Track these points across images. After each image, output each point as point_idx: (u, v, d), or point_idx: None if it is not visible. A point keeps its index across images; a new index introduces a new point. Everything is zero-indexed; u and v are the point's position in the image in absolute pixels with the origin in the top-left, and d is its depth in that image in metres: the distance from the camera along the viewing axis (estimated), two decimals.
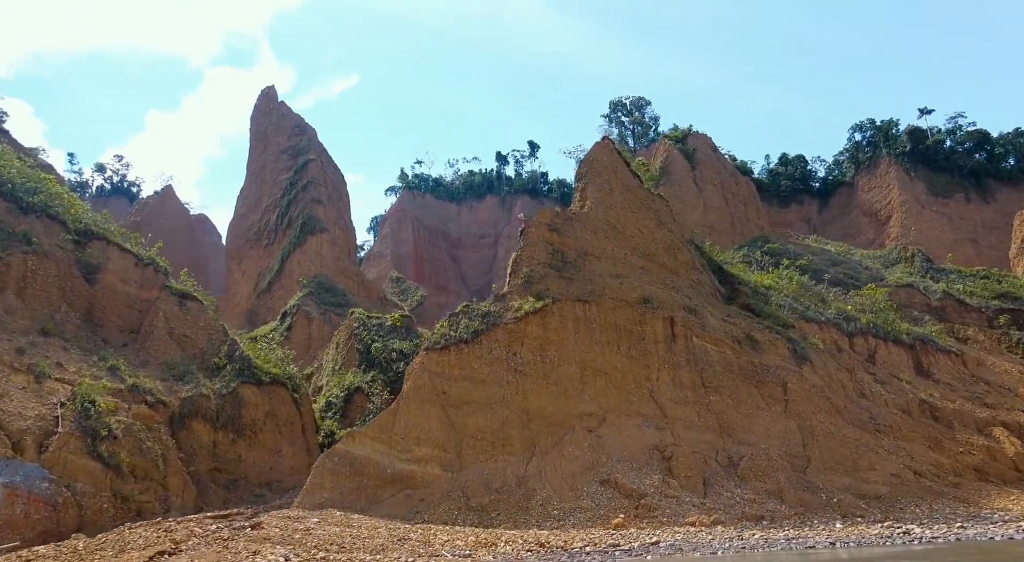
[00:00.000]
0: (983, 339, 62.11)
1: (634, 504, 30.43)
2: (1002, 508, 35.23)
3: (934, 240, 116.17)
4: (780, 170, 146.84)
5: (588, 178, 48.07)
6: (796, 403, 39.75)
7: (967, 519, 31.64)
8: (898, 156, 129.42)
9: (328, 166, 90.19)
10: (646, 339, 39.33)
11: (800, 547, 22.83)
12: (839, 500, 34.18)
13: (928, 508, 34.54)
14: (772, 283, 56.53)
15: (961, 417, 46.28)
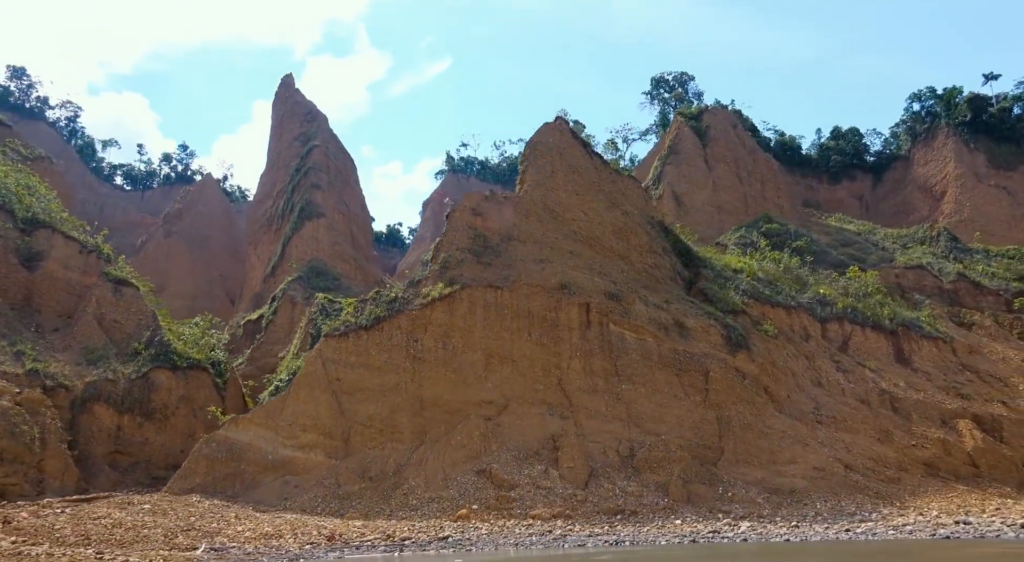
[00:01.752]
0: (989, 324, 57.64)
1: (498, 495, 30.06)
2: (921, 507, 32.91)
3: (990, 216, 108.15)
4: (831, 144, 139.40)
5: (529, 160, 47.23)
6: (717, 393, 38.16)
7: (856, 519, 29.79)
8: (957, 126, 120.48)
9: (333, 152, 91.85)
10: (560, 326, 38.53)
11: (598, 545, 22.13)
12: (733, 494, 32.77)
13: (836, 505, 32.65)
14: (744, 266, 54.09)
15: (924, 408, 43.30)
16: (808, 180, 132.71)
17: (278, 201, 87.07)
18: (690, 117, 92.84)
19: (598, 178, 50.46)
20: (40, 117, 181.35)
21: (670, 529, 26.18)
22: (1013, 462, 39.81)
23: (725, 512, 30.34)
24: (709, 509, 31.11)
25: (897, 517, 30.55)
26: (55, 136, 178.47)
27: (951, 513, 31.68)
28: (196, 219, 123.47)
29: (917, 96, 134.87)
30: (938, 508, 32.58)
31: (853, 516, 30.60)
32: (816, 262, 64.93)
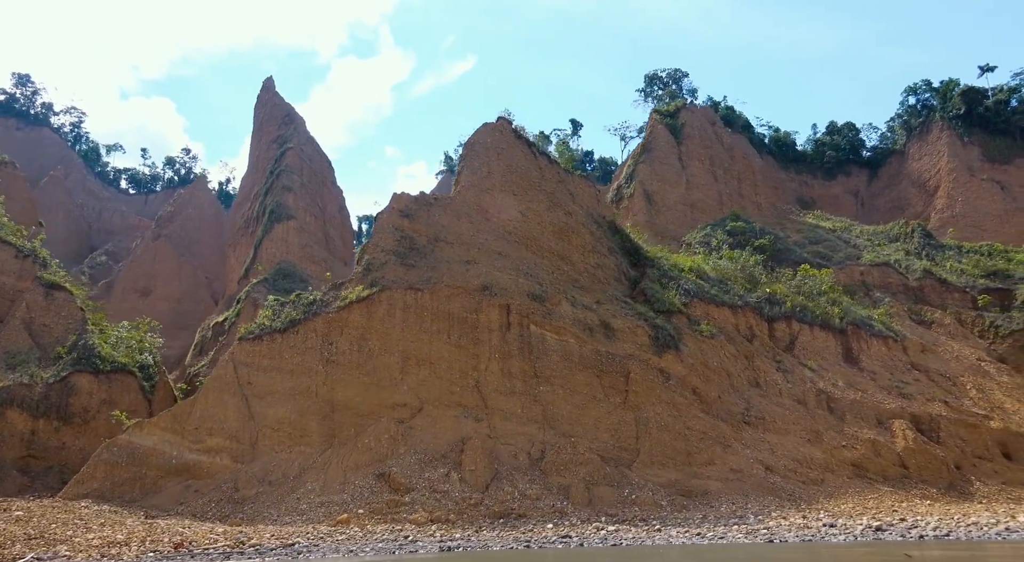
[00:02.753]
0: (950, 322, 56.63)
1: (390, 500, 29.95)
2: (831, 510, 32.37)
3: (982, 211, 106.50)
4: (826, 140, 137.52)
5: (465, 161, 47.09)
6: (637, 394, 37.80)
7: (749, 523, 29.35)
8: (951, 120, 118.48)
9: (308, 154, 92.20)
10: (480, 328, 38.34)
11: (450, 549, 22.00)
12: (637, 497, 32.43)
13: (742, 507, 32.22)
14: (693, 265, 53.51)
15: (861, 408, 42.62)
16: (803, 176, 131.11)
17: (254, 204, 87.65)
18: (666, 115, 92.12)
19: (540, 178, 50.19)
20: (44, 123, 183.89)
21: (538, 532, 25.96)
22: (945, 463, 39.07)
23: (614, 515, 30.04)
24: (608, 512, 30.81)
25: (798, 519, 30.07)
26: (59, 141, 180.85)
27: (860, 515, 31.15)
28: (186, 222, 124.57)
29: (913, 89, 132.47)
30: (849, 511, 32.03)
31: (744, 519, 30.15)
32: (780, 260, 64.25)
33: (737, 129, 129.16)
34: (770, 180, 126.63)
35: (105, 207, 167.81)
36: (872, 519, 28.73)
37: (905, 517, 29.03)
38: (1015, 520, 28.12)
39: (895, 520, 28.17)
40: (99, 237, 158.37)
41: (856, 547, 22.64)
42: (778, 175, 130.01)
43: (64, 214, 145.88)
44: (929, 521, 27.78)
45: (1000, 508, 32.81)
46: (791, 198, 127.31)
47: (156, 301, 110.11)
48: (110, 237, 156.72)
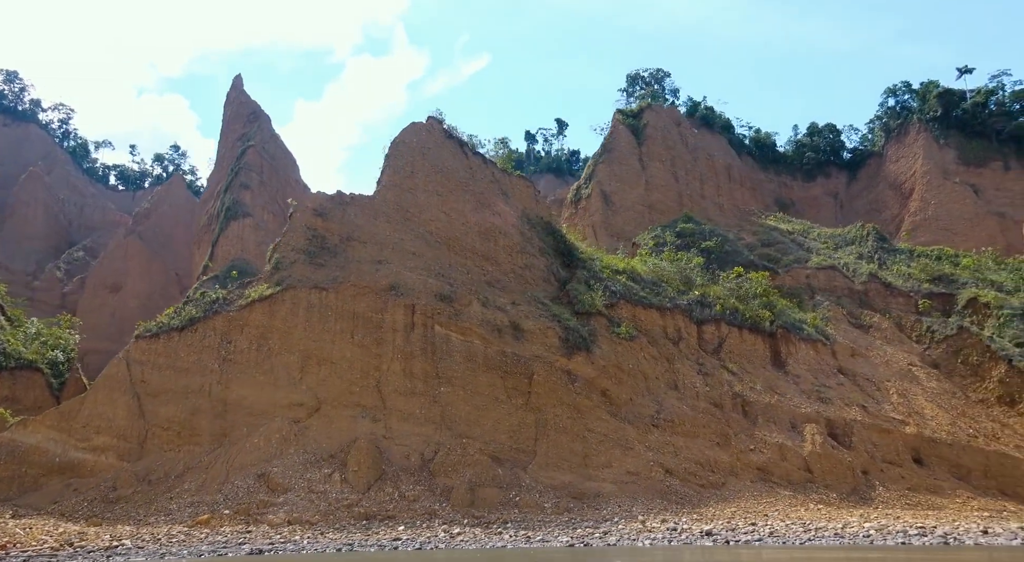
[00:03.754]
0: (887, 327, 56.37)
1: (261, 501, 29.84)
2: (716, 515, 32.21)
3: (954, 214, 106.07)
4: (807, 141, 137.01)
5: (389, 160, 46.96)
6: (539, 396, 37.68)
7: (615, 526, 29.20)
8: (928, 122, 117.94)
9: (271, 152, 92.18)
10: (384, 328, 38.23)
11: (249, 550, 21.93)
12: (521, 499, 32.35)
13: (627, 510, 32.08)
14: (626, 267, 53.28)
15: (775, 412, 42.46)
16: (782, 178, 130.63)
17: (216, 201, 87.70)
18: (629, 115, 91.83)
19: (470, 178, 50.04)
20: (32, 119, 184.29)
21: (388, 534, 25.88)
22: (851, 468, 38.92)
23: (489, 518, 29.92)
24: (485, 515, 30.69)
25: (656, 523, 29.91)
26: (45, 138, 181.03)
27: (741, 518, 31.00)
28: (161, 219, 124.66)
29: (892, 90, 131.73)
30: (730, 514, 31.88)
31: (612, 522, 30.00)
32: (726, 263, 63.84)
33: (716, 130, 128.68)
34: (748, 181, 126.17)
35: (87, 203, 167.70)
36: (728, 524, 28.57)
37: (756, 522, 28.95)
38: (869, 525, 27.96)
39: (746, 526, 28.00)
40: (79, 233, 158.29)
41: (658, 551, 22.55)
42: (757, 176, 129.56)
43: (43, 210, 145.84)
44: (777, 527, 27.67)
45: (876, 514, 32.67)
46: (769, 199, 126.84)
47: (126, 297, 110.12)
48: (90, 233, 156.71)
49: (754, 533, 25.79)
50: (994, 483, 39.69)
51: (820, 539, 24.39)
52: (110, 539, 22.82)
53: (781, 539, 24.47)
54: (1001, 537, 24.89)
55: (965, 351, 51.19)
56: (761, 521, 29.63)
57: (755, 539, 24.27)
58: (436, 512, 30.16)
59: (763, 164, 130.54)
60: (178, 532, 25.43)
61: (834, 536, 24.89)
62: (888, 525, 27.51)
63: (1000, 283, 58.67)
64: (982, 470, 40.23)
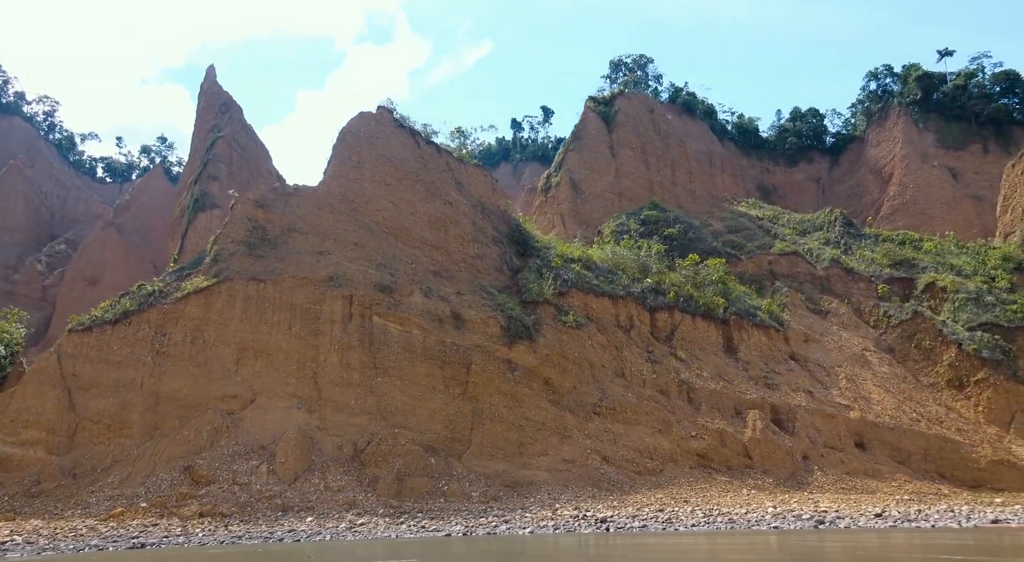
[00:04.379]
0: (844, 312, 56.39)
1: (181, 493, 29.87)
2: (640, 502, 32.34)
3: (931, 198, 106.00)
4: (790, 127, 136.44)
5: (336, 150, 46.80)
6: (476, 385, 37.74)
7: (529, 513, 29.33)
8: (908, 106, 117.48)
9: (242, 143, 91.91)
10: (322, 319, 38.22)
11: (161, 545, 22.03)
12: (449, 488, 32.47)
13: (555, 498, 32.20)
14: (581, 255, 53.18)
15: (720, 399, 42.56)
16: (765, 163, 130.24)
17: (187, 193, 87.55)
18: (601, 102, 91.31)
19: (421, 168, 49.88)
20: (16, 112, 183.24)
21: (290, 526, 26.01)
22: (791, 453, 39.07)
23: (408, 507, 30.06)
24: (408, 504, 30.82)
25: (569, 511, 30.04)
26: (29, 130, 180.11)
27: (658, 505, 31.13)
28: (140, 211, 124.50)
29: (874, 74, 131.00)
30: (654, 501, 32.02)
31: (520, 511, 30.13)
32: (689, 250, 63.68)
33: (698, 116, 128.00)
34: (729, 167, 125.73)
35: (70, 196, 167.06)
36: (635, 512, 28.70)
37: (663, 507, 29.23)
38: (777, 510, 28.11)
39: (652, 512, 28.16)
40: (62, 225, 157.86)
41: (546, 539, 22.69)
42: (739, 162, 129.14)
43: (24, 203, 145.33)
44: (683, 511, 27.83)
45: (797, 498, 32.87)
46: (751, 185, 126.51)
47: (104, 289, 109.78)
48: (72, 226, 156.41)
49: (655, 519, 25.90)
50: (933, 466, 39.86)
51: (711, 524, 24.52)
52: (10, 534, 22.90)
53: (676, 525, 24.58)
54: (889, 521, 25.14)
55: (919, 336, 51.26)
56: (680, 507, 29.77)
57: (639, 526, 24.36)
58: (356, 502, 30.27)
59: (745, 150, 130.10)
60: (82, 526, 25.48)
61: (727, 521, 25.01)
62: (792, 510, 27.68)
63: (959, 267, 58.66)
64: (922, 454, 40.39)
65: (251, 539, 23.47)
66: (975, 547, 17.62)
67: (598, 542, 20.90)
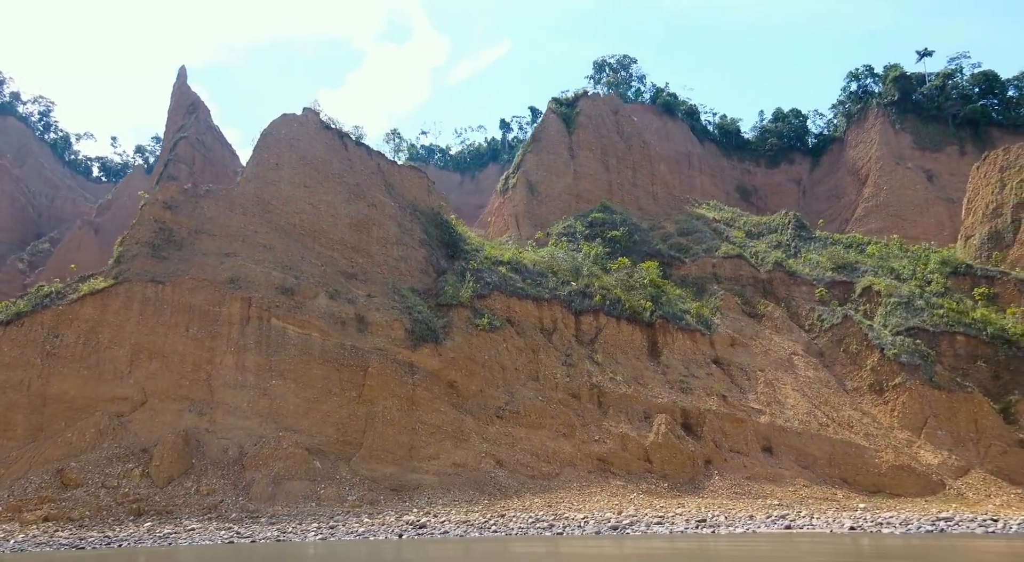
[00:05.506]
0: (779, 315, 55.95)
1: (43, 496, 29.92)
2: (521, 506, 32.26)
3: (904, 200, 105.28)
4: (772, 127, 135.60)
5: (256, 152, 46.95)
6: (372, 389, 37.70)
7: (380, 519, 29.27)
8: (886, 107, 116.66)
9: (205, 144, 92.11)
10: (220, 321, 38.26)
11: None
12: (325, 492, 32.47)
13: (432, 502, 32.15)
14: (514, 257, 53.02)
15: (631, 403, 42.36)
16: (746, 164, 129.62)
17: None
18: (564, 104, 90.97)
19: (346, 170, 49.90)
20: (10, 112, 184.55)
21: (126, 531, 26.06)
22: (692, 458, 38.86)
23: (258, 512, 30.07)
24: (275, 509, 30.83)
25: (421, 517, 29.97)
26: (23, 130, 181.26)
27: (529, 511, 31.05)
28: (119, 210, 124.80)
29: (855, 75, 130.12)
30: (529, 506, 31.91)
31: (351, 517, 30.08)
32: (633, 252, 63.39)
33: (679, 116, 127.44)
34: (708, 168, 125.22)
35: (58, 195, 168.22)
36: (510, 516, 28.61)
37: (505, 514, 29.16)
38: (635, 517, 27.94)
39: (493, 517, 28.08)
40: (49, 224, 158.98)
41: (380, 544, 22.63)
42: (719, 163, 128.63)
43: (10, 202, 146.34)
44: (522, 518, 27.71)
45: (676, 502, 32.72)
46: (731, 186, 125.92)
47: None
48: (59, 224, 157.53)
49: (485, 525, 25.80)
50: (837, 471, 39.51)
51: (551, 530, 24.40)
52: None
53: (511, 530, 24.49)
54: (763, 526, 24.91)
55: (847, 340, 50.84)
56: (541, 512, 29.66)
57: (453, 531, 24.26)
58: (218, 506, 30.32)
59: (726, 151, 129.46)
60: None
61: (577, 526, 24.89)
62: (639, 516, 27.51)
63: (899, 271, 58.19)
64: (827, 459, 40.04)
65: (88, 545, 23.50)
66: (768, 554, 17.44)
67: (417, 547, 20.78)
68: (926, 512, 31.05)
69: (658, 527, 25.39)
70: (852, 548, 19.85)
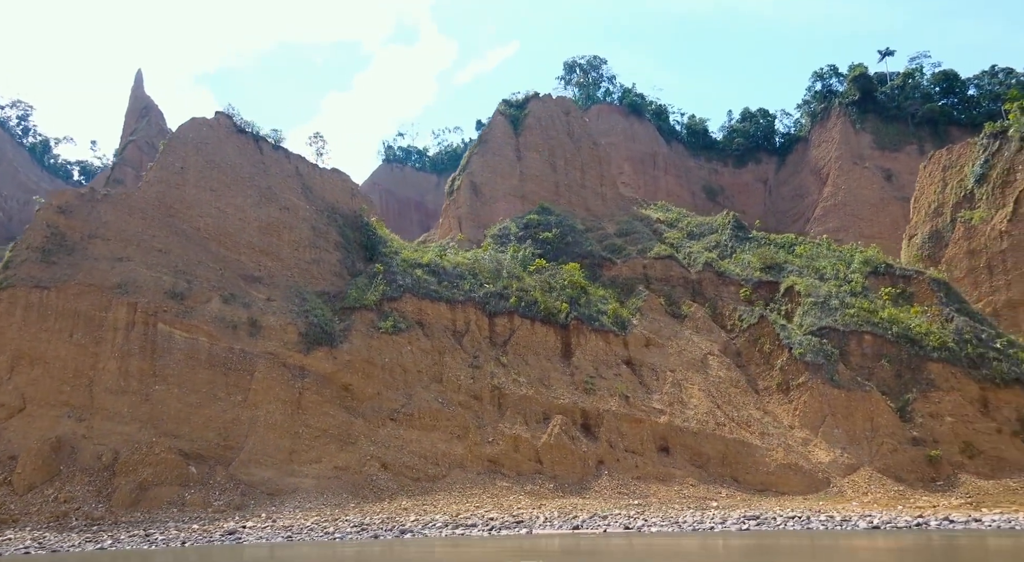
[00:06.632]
0: (700, 316, 55.89)
1: None
2: (387, 510, 32.17)
3: (861, 199, 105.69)
4: (739, 127, 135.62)
5: (161, 156, 46.81)
6: (257, 393, 37.54)
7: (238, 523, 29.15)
8: (847, 106, 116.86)
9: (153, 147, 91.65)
10: (106, 326, 38.07)
11: None
12: (193, 497, 32.38)
13: (302, 506, 32.03)
14: (432, 260, 52.88)
15: (530, 404, 42.29)
16: (713, 164, 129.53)
17: None
18: (513, 105, 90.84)
19: (259, 173, 49.78)
20: None
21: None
22: (584, 458, 38.84)
23: (104, 520, 29.94)
24: (140, 515, 30.68)
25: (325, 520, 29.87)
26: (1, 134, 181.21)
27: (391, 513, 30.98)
28: None
29: (820, 74, 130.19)
30: (410, 508, 31.84)
31: (235, 518, 29.97)
32: (564, 253, 63.26)
33: (646, 117, 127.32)
34: (674, 168, 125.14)
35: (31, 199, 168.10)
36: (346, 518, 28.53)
37: (369, 517, 29.10)
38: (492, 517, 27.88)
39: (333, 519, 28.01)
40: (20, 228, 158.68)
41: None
42: (686, 163, 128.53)
43: None
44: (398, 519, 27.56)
45: (555, 503, 32.68)
46: (697, 187, 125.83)
47: None
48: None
49: (323, 528, 25.73)
50: (728, 470, 39.50)
51: (390, 532, 24.35)
52: None
53: (338, 534, 24.41)
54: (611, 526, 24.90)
55: (762, 340, 50.87)
56: (400, 515, 29.60)
57: (315, 536, 24.16)
58: (70, 514, 30.17)
59: (694, 151, 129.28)
60: None
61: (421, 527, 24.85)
62: (468, 517, 27.46)
63: (823, 270, 58.17)
64: (720, 457, 40.03)
65: None
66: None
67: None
68: (773, 510, 31.05)
69: (509, 530, 25.28)
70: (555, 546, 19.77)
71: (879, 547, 20.45)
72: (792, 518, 27.64)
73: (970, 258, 62.48)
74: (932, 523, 28.64)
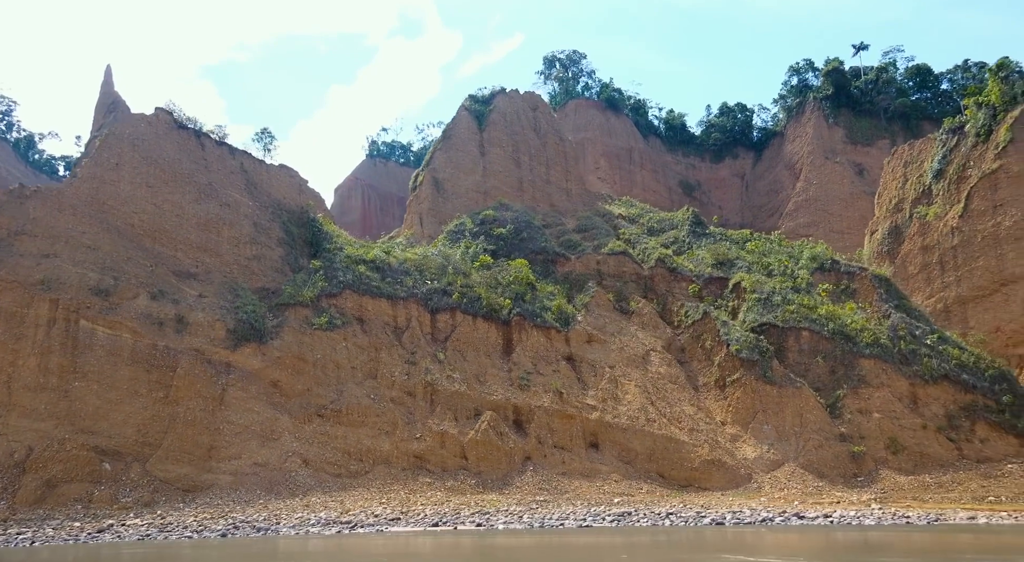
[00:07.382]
0: (647, 312, 55.87)
1: None
2: (306, 505, 32.15)
3: (831, 194, 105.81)
4: (717, 122, 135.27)
5: (96, 152, 46.64)
6: (179, 389, 37.40)
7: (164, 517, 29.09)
8: (821, 101, 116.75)
9: None
10: (27, 323, 37.84)
11: None
12: (101, 494, 32.35)
13: (212, 503, 31.98)
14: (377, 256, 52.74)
15: (462, 400, 42.28)
16: (690, 159, 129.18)
17: None
18: (478, 101, 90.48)
19: (200, 169, 49.50)
20: None
21: None
22: (510, 454, 38.92)
23: (43, 516, 29.87)
24: (42, 512, 30.61)
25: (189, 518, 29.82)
26: None
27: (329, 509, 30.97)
28: None
29: (796, 69, 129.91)
30: (316, 503, 31.82)
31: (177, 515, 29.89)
32: (517, 249, 63.15)
33: (623, 112, 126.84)
34: (650, 164, 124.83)
35: None
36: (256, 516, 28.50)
37: (278, 513, 29.08)
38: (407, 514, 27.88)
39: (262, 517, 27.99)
40: None
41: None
42: (663, 159, 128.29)
43: None
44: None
45: (475, 499, 32.79)
46: (673, 182, 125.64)
47: None
48: None
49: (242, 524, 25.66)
50: (655, 466, 39.58)
51: (298, 528, 24.27)
52: None
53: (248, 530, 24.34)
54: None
55: (704, 336, 50.92)
56: (303, 512, 29.58)
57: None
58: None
59: (671, 146, 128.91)
60: None
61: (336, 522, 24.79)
62: (363, 515, 27.47)
63: (772, 266, 58.18)
64: (648, 453, 40.11)
65: None
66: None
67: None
68: (679, 506, 31.09)
69: (392, 526, 25.27)
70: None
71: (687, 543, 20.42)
72: (669, 514, 27.72)
73: (924, 254, 62.76)
74: (835, 518, 28.76)
